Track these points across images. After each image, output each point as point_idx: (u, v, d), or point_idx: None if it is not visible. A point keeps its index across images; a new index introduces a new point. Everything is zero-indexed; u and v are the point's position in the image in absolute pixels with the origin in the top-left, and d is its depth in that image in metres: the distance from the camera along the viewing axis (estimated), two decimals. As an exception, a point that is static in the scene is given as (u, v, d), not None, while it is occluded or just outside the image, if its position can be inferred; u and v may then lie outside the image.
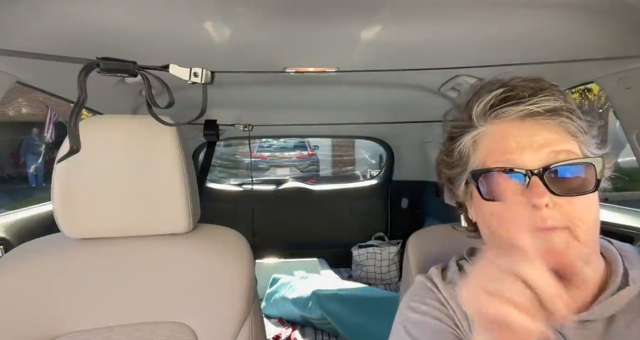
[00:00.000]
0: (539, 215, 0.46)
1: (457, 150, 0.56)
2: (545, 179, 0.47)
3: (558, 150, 0.48)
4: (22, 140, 9.62)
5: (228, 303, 0.77)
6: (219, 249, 0.82)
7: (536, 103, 0.48)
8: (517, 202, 0.47)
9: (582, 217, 0.47)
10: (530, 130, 0.49)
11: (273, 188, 3.07)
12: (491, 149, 0.51)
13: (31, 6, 0.72)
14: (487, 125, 0.53)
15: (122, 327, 0.75)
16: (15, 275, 0.73)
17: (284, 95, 1.66)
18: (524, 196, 0.47)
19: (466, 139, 0.54)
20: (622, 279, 0.51)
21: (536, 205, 0.46)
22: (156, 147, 0.77)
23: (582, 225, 0.47)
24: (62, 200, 0.75)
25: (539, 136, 0.49)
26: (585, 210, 0.48)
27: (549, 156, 0.48)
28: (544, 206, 0.46)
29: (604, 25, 0.78)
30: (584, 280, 0.52)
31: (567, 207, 0.47)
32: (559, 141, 0.49)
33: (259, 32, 0.90)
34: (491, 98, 0.52)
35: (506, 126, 0.51)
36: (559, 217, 0.46)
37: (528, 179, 0.47)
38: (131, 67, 0.61)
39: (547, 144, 0.48)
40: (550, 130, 0.49)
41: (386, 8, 0.77)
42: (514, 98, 0.50)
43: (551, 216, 0.46)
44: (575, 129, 0.49)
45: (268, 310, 2.28)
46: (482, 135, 0.53)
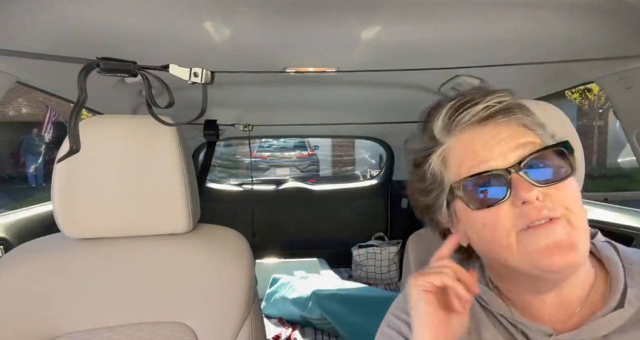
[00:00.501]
0: (533, 209, 0.46)
1: (428, 173, 0.55)
2: (524, 172, 0.47)
3: (523, 143, 0.49)
4: (22, 140, 9.62)
5: (228, 303, 0.77)
6: (219, 249, 0.82)
7: (490, 100, 0.50)
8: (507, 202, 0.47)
9: (574, 203, 0.47)
10: (493, 131, 0.50)
11: (273, 188, 3.07)
12: (462, 160, 0.51)
13: (31, 6, 0.72)
14: (450, 138, 0.53)
15: (122, 327, 0.75)
16: (15, 275, 0.73)
17: (284, 95, 1.66)
18: (511, 196, 0.47)
19: (434, 159, 0.54)
20: (620, 298, 0.49)
21: (527, 201, 0.46)
22: (156, 147, 0.77)
23: (576, 209, 0.47)
24: (62, 200, 0.75)
25: (503, 134, 0.49)
26: (572, 196, 0.48)
27: (518, 151, 0.48)
28: (535, 200, 0.46)
29: (604, 25, 0.78)
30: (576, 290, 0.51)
31: (556, 194, 0.47)
32: (522, 135, 0.50)
33: (259, 32, 0.90)
34: (447, 110, 0.53)
35: (469, 134, 0.51)
36: (553, 205, 0.46)
37: (509, 176, 0.47)
38: (131, 67, 0.61)
39: (512, 140, 0.49)
40: (509, 127, 0.50)
41: (386, 8, 0.77)
42: (469, 102, 0.51)
43: (545, 206, 0.46)
44: (531, 123, 0.51)
45: (268, 310, 2.28)
46: (448, 149, 0.53)
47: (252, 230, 1.86)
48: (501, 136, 0.49)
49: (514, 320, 0.53)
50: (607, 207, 1.42)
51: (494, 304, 0.55)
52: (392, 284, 2.77)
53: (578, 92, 9.48)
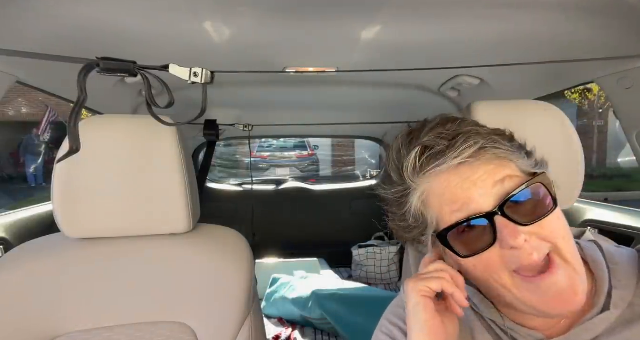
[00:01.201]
0: (523, 253, 0.45)
1: (410, 215, 0.54)
2: (507, 214, 0.46)
3: (501, 179, 0.47)
4: (22, 140, 9.61)
5: (228, 303, 0.77)
6: (219, 249, 0.82)
7: (458, 155, 0.47)
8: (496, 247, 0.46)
9: (559, 234, 0.47)
10: (468, 172, 0.48)
11: (273, 188, 3.07)
12: (441, 203, 0.49)
13: (31, 6, 0.72)
14: (425, 183, 0.51)
15: (122, 327, 0.75)
16: (15, 275, 0.73)
17: (284, 95, 1.66)
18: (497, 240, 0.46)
19: (414, 200, 0.52)
20: (605, 300, 0.50)
21: (515, 247, 0.45)
22: (156, 147, 0.77)
23: (562, 241, 0.46)
24: (62, 200, 0.75)
25: (479, 172, 0.47)
26: (557, 228, 0.47)
27: (496, 188, 0.47)
28: (523, 244, 0.45)
29: (604, 25, 0.78)
30: None
31: (542, 232, 0.46)
32: (498, 170, 0.48)
33: (259, 32, 0.90)
34: (412, 160, 0.50)
35: (444, 177, 0.49)
36: (540, 244, 0.46)
37: (492, 220, 0.46)
38: (131, 67, 0.61)
39: (489, 177, 0.47)
40: (484, 163, 0.48)
41: (386, 8, 0.77)
42: (434, 156, 0.49)
43: (534, 248, 0.45)
44: (505, 152, 0.48)
45: (268, 310, 2.28)
46: (427, 192, 0.51)
47: (252, 230, 1.87)
48: (477, 175, 0.47)
49: (504, 326, 0.53)
50: (607, 207, 1.42)
51: (484, 308, 0.55)
52: (392, 284, 2.77)
53: (578, 92, 9.48)
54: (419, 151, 0.50)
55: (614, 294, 0.49)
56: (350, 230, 3.00)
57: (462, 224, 0.47)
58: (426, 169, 0.49)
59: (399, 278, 2.73)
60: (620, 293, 0.50)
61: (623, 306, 0.49)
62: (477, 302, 0.56)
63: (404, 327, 0.60)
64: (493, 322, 0.54)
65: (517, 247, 0.45)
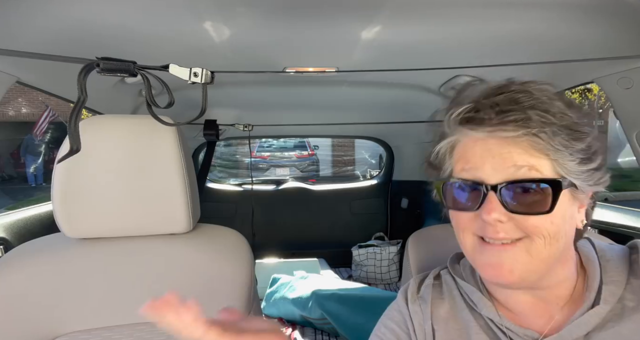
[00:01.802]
0: (491, 228, 0.48)
1: (436, 154, 0.57)
2: (501, 194, 0.47)
3: (520, 165, 0.47)
4: (22, 140, 9.62)
5: (228, 303, 0.77)
6: (219, 249, 0.82)
7: (493, 131, 0.48)
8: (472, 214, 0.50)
9: (540, 232, 0.47)
10: (494, 146, 0.48)
11: (273, 188, 3.07)
12: (460, 157, 0.52)
13: (31, 6, 0.72)
14: (459, 134, 0.53)
15: (122, 327, 0.75)
16: (15, 275, 0.73)
17: (284, 95, 1.66)
18: (477, 211, 0.49)
19: (444, 143, 0.55)
20: (595, 296, 0.50)
21: (487, 222, 0.48)
22: (156, 147, 0.77)
23: (539, 240, 0.47)
24: (62, 200, 0.75)
25: (502, 150, 0.48)
26: (543, 227, 0.47)
27: (509, 171, 0.47)
28: (495, 222, 0.47)
29: (604, 25, 0.78)
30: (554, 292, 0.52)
31: (524, 222, 0.47)
32: (524, 156, 0.47)
33: (259, 32, 0.90)
34: (459, 113, 0.51)
35: (476, 138, 0.50)
36: (513, 229, 0.48)
37: (485, 193, 0.48)
38: (131, 67, 0.61)
39: (509, 158, 0.47)
40: (515, 145, 0.48)
41: (386, 8, 0.77)
42: (476, 120, 0.49)
43: (504, 229, 0.48)
44: (544, 146, 0.47)
45: (268, 310, 2.28)
46: (456, 142, 0.54)
47: (252, 230, 1.86)
48: (500, 151, 0.48)
49: (501, 324, 0.54)
50: (607, 207, 1.42)
51: (482, 306, 0.56)
52: (392, 284, 2.77)
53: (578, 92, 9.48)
54: (469, 108, 0.51)
55: (604, 290, 0.50)
56: (350, 230, 3.00)
57: (458, 183, 0.51)
58: (465, 124, 0.51)
59: (399, 278, 2.73)
60: (610, 288, 0.50)
61: (613, 301, 0.50)
62: (476, 300, 0.57)
63: (399, 331, 0.61)
64: (491, 321, 0.55)
65: (488, 222, 0.48)
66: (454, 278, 0.62)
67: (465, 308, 0.58)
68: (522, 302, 0.54)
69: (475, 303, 0.57)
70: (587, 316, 0.49)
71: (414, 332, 0.60)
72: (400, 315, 0.62)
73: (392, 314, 0.64)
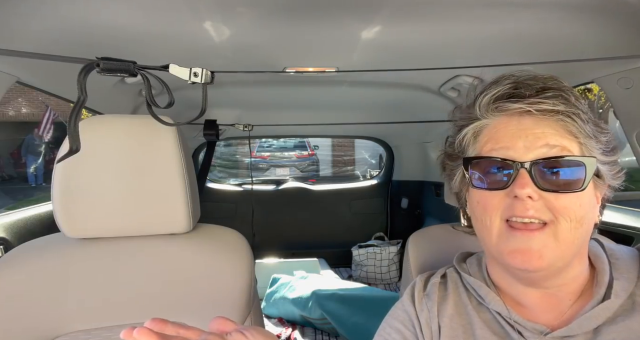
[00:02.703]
0: (521, 205, 0.47)
1: (457, 142, 0.57)
2: (533, 172, 0.48)
3: (553, 144, 0.48)
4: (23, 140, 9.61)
5: (228, 303, 0.77)
6: (219, 249, 0.82)
7: (533, 103, 0.49)
8: (501, 191, 0.49)
9: (568, 214, 0.47)
10: (529, 125, 0.50)
11: (273, 188, 3.07)
12: (488, 140, 0.53)
13: (31, 6, 0.72)
14: (488, 117, 0.53)
15: (122, 327, 0.75)
16: (16, 275, 0.73)
17: (284, 95, 1.66)
18: (509, 188, 0.49)
19: (468, 130, 0.55)
20: (606, 291, 0.51)
21: (518, 196, 0.47)
22: (156, 147, 0.77)
23: (566, 223, 0.47)
24: (62, 200, 0.75)
25: (536, 130, 0.49)
26: (571, 209, 0.48)
27: (542, 150, 0.48)
28: (527, 198, 0.47)
29: (604, 25, 0.78)
30: (566, 288, 0.52)
31: (554, 202, 0.48)
32: (556, 137, 0.49)
33: (259, 32, 0.90)
34: (497, 91, 0.52)
35: (506, 120, 0.52)
36: (543, 209, 0.48)
37: (517, 170, 0.48)
38: (131, 67, 0.61)
39: (542, 138, 0.49)
40: (548, 126, 0.49)
41: (386, 8, 0.77)
42: (518, 95, 0.51)
43: (534, 207, 0.47)
44: (577, 130, 0.49)
45: (268, 310, 2.28)
46: (483, 126, 0.54)
47: (252, 230, 1.86)
48: (534, 131, 0.49)
49: (510, 318, 0.53)
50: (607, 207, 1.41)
51: (490, 300, 0.56)
52: (392, 284, 2.77)
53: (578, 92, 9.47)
54: (509, 86, 0.52)
55: (615, 284, 0.51)
56: (350, 230, 3.00)
57: (490, 159, 0.50)
58: (498, 103, 0.51)
59: (399, 278, 2.73)
60: (622, 283, 0.51)
61: (624, 296, 0.50)
62: (483, 294, 0.57)
63: (405, 331, 0.60)
64: (498, 314, 0.55)
65: (519, 198, 0.47)
66: (460, 274, 0.63)
67: (469, 304, 0.58)
68: (533, 297, 0.54)
69: (483, 297, 0.57)
70: (598, 310, 0.49)
71: (420, 331, 0.59)
72: (406, 315, 0.62)
73: (397, 314, 0.63)
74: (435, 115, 1.69)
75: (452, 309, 0.59)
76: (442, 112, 1.64)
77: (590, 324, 0.49)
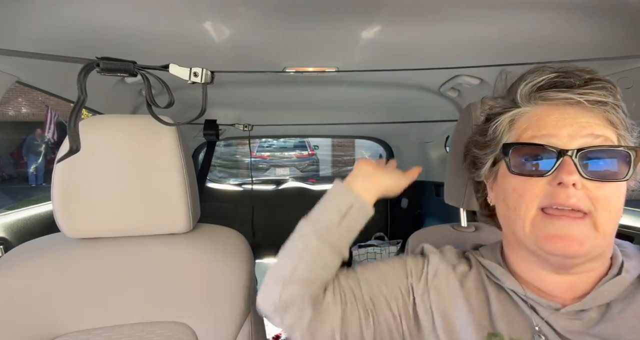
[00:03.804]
0: (563, 193, 0.47)
1: (492, 129, 0.57)
2: (577, 160, 0.47)
3: (597, 134, 0.48)
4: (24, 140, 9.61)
5: (228, 303, 0.77)
6: (219, 249, 0.82)
7: (583, 94, 0.49)
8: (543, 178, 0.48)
9: (608, 204, 0.48)
10: (573, 114, 0.50)
11: (273, 188, 3.07)
12: (528, 127, 0.52)
13: (31, 6, 0.72)
14: (529, 105, 0.53)
15: (122, 327, 0.75)
16: (15, 275, 0.73)
17: (284, 95, 1.66)
18: (552, 175, 0.48)
19: (504, 118, 0.55)
20: (618, 270, 0.52)
21: (564, 183, 0.47)
22: (156, 147, 0.77)
23: (605, 213, 0.48)
24: (62, 200, 0.75)
25: (581, 119, 0.49)
26: (612, 199, 0.48)
27: (586, 139, 0.48)
28: (571, 185, 0.47)
29: (604, 25, 0.78)
30: (591, 274, 0.53)
31: (595, 192, 0.47)
32: (600, 127, 0.49)
33: (259, 32, 0.90)
34: (542, 80, 0.52)
35: (548, 108, 0.51)
36: (584, 199, 0.47)
37: (561, 158, 0.48)
38: (131, 66, 0.61)
39: (587, 127, 0.49)
40: (593, 115, 0.49)
41: (386, 8, 0.77)
42: (564, 85, 0.50)
43: (576, 195, 0.47)
44: (618, 120, 0.50)
45: (268, 310, 2.28)
46: (521, 114, 0.54)
47: (252, 230, 1.86)
48: (579, 120, 0.49)
49: (525, 295, 0.54)
50: None
51: (506, 280, 0.56)
52: (392, 284, 2.77)
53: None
54: (552, 77, 0.51)
55: (626, 263, 0.52)
56: None
57: (535, 145, 0.50)
58: (543, 91, 0.51)
59: (399, 278, 2.72)
60: (632, 263, 0.53)
61: (635, 274, 0.51)
62: (499, 275, 0.57)
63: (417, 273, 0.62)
64: (513, 292, 0.56)
65: (564, 184, 0.47)
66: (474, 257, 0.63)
67: (485, 278, 0.59)
68: (554, 282, 0.54)
69: (498, 277, 0.57)
70: (610, 285, 0.50)
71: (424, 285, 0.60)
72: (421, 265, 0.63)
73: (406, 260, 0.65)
74: (435, 115, 1.69)
75: (472, 283, 0.60)
76: (442, 112, 1.65)
77: (602, 299, 0.50)
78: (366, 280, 0.62)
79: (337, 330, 0.57)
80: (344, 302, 0.59)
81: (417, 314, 0.59)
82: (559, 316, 0.51)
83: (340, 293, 0.60)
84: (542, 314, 0.52)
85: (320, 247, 0.59)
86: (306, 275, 0.58)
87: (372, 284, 0.61)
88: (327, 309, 0.58)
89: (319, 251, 0.59)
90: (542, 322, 0.52)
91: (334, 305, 0.59)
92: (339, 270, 0.63)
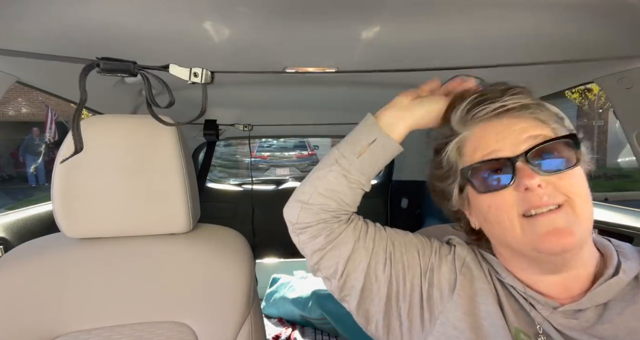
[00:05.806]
0: (534, 196, 0.49)
1: (444, 161, 0.59)
2: (530, 161, 0.50)
3: (535, 135, 0.52)
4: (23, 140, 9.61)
5: (228, 303, 0.77)
6: (219, 249, 0.82)
7: (507, 100, 0.53)
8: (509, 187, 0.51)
9: (576, 190, 0.50)
10: (507, 124, 0.53)
11: (273, 188, 3.07)
12: (475, 148, 0.55)
13: (31, 6, 0.72)
14: (467, 129, 0.56)
15: (122, 327, 0.75)
16: (15, 275, 0.73)
17: (283, 95, 1.66)
18: (514, 182, 0.51)
19: (450, 148, 0.58)
20: (615, 270, 0.53)
21: (529, 188, 0.49)
22: (156, 147, 0.77)
23: (577, 198, 0.50)
24: (62, 200, 0.75)
25: (516, 126, 0.53)
26: (577, 184, 0.51)
27: (528, 142, 0.51)
28: (537, 187, 0.49)
29: (604, 25, 0.78)
30: (582, 272, 0.54)
31: (559, 183, 0.50)
32: (535, 128, 0.53)
33: (259, 32, 0.90)
34: (466, 104, 0.56)
35: (484, 125, 0.55)
36: (554, 193, 0.50)
37: (515, 164, 0.50)
38: (131, 67, 0.61)
39: (523, 132, 0.52)
40: (524, 120, 0.53)
41: (386, 8, 0.77)
42: (487, 100, 0.54)
43: (546, 193, 0.49)
44: (546, 117, 0.54)
45: (268, 310, 2.28)
46: (464, 139, 0.57)
47: (252, 230, 1.86)
48: (514, 128, 0.52)
49: (524, 293, 0.55)
50: (607, 207, 1.42)
51: (506, 276, 0.58)
52: (392, 284, 2.77)
53: (578, 92, 9.47)
54: (474, 98, 0.56)
55: (623, 264, 0.53)
56: None
57: (487, 162, 0.53)
58: (473, 112, 0.55)
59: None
60: (630, 264, 0.53)
61: (632, 274, 0.52)
62: (500, 270, 0.59)
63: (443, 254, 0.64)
64: (513, 288, 0.57)
65: (530, 189, 0.49)
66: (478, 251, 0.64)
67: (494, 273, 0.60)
68: (549, 283, 0.55)
69: (500, 273, 0.58)
70: (607, 285, 0.51)
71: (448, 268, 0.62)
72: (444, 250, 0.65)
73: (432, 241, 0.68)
74: None
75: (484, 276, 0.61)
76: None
77: (599, 299, 0.51)
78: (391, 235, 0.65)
79: (341, 264, 0.61)
80: (358, 239, 0.62)
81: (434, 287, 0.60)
82: (557, 314, 0.53)
83: (360, 232, 0.63)
84: (541, 312, 0.54)
85: (337, 179, 0.62)
86: (321, 204, 0.62)
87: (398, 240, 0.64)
88: (340, 243, 0.61)
89: (337, 183, 0.62)
90: (542, 319, 0.53)
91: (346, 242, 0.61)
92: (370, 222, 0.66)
